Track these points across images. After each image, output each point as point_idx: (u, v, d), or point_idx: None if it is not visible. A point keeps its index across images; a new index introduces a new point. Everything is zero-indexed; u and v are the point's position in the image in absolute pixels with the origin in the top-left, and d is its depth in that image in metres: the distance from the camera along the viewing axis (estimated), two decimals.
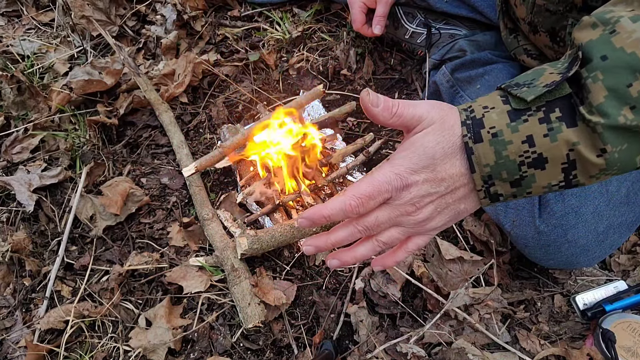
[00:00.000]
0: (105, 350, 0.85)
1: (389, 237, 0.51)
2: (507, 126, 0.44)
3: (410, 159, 0.46)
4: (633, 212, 0.81)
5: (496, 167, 0.45)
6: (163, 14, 1.37)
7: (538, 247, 0.82)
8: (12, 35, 1.34)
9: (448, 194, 0.47)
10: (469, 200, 0.49)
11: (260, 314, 0.83)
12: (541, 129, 0.43)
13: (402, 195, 0.47)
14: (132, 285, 0.93)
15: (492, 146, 0.44)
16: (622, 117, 0.40)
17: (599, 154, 0.42)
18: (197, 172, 0.99)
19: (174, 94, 1.21)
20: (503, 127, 0.44)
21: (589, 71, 0.42)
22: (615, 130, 0.41)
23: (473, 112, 0.46)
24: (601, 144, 0.41)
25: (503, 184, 0.46)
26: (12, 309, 0.91)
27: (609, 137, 0.41)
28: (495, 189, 0.46)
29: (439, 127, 0.47)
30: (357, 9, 1.08)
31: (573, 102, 0.43)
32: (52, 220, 1.03)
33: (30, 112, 1.16)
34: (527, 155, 0.44)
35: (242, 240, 0.87)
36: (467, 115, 0.46)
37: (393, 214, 0.48)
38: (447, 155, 0.46)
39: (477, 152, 0.45)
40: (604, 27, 0.43)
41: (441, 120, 0.47)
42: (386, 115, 0.49)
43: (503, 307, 0.84)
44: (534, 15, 0.82)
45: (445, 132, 0.46)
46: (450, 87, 1.03)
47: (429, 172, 0.46)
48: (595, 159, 0.42)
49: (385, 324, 0.86)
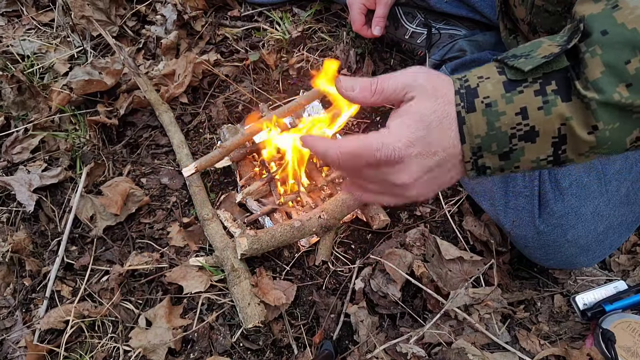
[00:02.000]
0: (105, 350, 0.85)
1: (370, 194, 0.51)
2: (501, 97, 0.43)
3: (408, 127, 0.44)
4: (633, 212, 0.81)
5: (487, 138, 0.44)
6: (163, 14, 1.37)
7: (538, 247, 0.82)
8: (12, 35, 1.34)
9: (437, 167, 0.46)
10: (455, 171, 0.47)
11: (260, 314, 0.83)
12: (536, 102, 0.42)
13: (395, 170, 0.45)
14: (132, 285, 0.93)
15: (484, 116, 0.43)
16: (617, 95, 0.39)
17: (590, 131, 0.41)
18: (197, 172, 0.99)
19: (174, 94, 1.21)
20: (497, 97, 0.43)
21: (587, 45, 0.41)
22: (609, 107, 0.40)
23: (467, 82, 0.45)
24: (593, 121, 0.41)
25: (492, 157, 0.45)
26: (12, 309, 0.91)
27: (602, 114, 0.40)
28: (483, 161, 0.45)
29: (433, 94, 0.45)
30: (357, 10, 1.08)
31: (569, 75, 0.42)
32: (52, 220, 1.03)
33: (30, 112, 1.16)
34: (519, 127, 0.43)
35: (242, 240, 0.87)
36: (461, 84, 0.45)
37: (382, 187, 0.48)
38: (442, 124, 0.44)
39: (469, 122, 0.44)
40: (607, 1, 0.42)
41: (433, 87, 0.45)
42: (367, 95, 0.47)
43: (503, 307, 0.84)
44: (533, 15, 0.82)
45: (440, 99, 0.44)
46: None
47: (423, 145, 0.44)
48: (586, 135, 0.41)
49: (385, 324, 0.86)
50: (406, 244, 0.92)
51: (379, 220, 0.96)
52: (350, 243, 0.99)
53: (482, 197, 0.90)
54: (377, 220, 0.96)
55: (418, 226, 0.96)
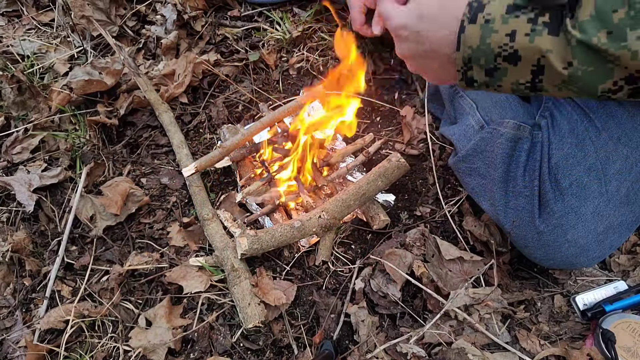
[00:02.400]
0: (105, 350, 0.85)
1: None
2: (500, 16, 0.47)
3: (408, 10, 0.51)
4: (633, 212, 0.81)
5: (477, 51, 0.48)
6: (163, 14, 1.37)
7: (538, 247, 0.82)
8: (12, 35, 1.34)
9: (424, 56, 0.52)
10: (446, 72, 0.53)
11: (260, 314, 0.83)
12: (525, 28, 0.46)
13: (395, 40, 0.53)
14: (132, 285, 0.93)
15: (480, 30, 0.48)
16: (596, 39, 0.41)
17: (565, 67, 0.44)
18: (197, 172, 0.99)
19: (174, 94, 1.21)
20: (497, 16, 0.47)
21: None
22: (587, 48, 0.42)
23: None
24: (570, 57, 0.43)
25: (479, 70, 0.50)
26: (12, 309, 0.91)
27: (578, 53, 0.43)
28: (471, 74, 0.50)
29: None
30: (357, 9, 1.08)
31: (564, 12, 0.44)
32: (52, 220, 1.03)
33: (31, 113, 1.16)
34: (505, 48, 0.47)
35: (242, 240, 0.87)
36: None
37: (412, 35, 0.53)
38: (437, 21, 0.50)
39: (466, 32, 0.48)
40: None
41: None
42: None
43: (503, 307, 0.84)
44: None
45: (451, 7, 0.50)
46: (450, 86, 1.03)
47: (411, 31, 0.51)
48: (560, 69, 0.45)
49: (385, 324, 0.86)
50: (406, 244, 0.92)
51: (379, 220, 0.96)
52: (350, 243, 0.99)
53: (482, 197, 0.90)
54: (377, 220, 0.96)
55: (418, 226, 0.96)
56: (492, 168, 0.85)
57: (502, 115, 0.91)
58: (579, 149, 0.79)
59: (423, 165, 1.08)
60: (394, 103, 1.20)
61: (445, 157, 1.06)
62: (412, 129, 1.11)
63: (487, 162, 0.86)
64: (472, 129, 0.95)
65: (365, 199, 0.97)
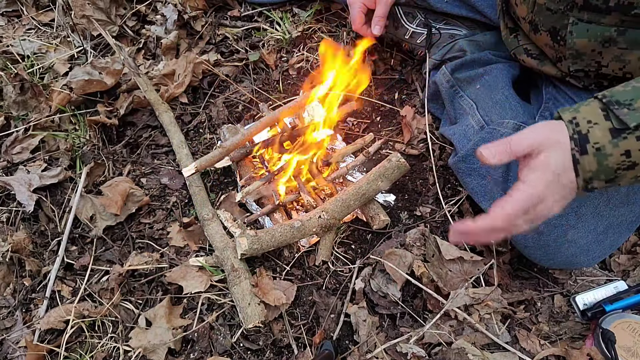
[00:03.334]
0: (105, 350, 0.85)
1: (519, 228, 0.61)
2: (609, 142, 0.56)
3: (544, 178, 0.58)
4: (633, 212, 0.81)
5: (597, 172, 0.57)
6: (163, 14, 1.37)
7: (538, 247, 0.82)
8: (12, 35, 1.34)
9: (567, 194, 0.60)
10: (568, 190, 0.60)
11: (260, 314, 0.83)
12: (637, 145, 0.55)
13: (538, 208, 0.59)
14: (132, 285, 0.93)
15: (595, 157, 0.56)
16: None
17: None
18: (197, 172, 0.99)
19: (174, 94, 1.21)
20: (606, 143, 0.56)
21: None
22: None
23: (579, 126, 0.58)
24: None
25: (599, 182, 0.58)
26: (12, 309, 0.91)
27: None
28: (592, 186, 0.59)
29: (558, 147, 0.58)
30: (357, 10, 1.08)
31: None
32: (52, 220, 1.03)
33: (31, 112, 1.16)
34: (623, 163, 0.56)
35: (242, 240, 0.87)
36: (574, 129, 0.58)
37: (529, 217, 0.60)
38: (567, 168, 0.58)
39: (582, 162, 0.57)
40: None
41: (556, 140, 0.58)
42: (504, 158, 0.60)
43: (503, 307, 0.84)
44: (534, 14, 0.82)
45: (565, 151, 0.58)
46: (450, 87, 1.03)
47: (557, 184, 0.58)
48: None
49: (385, 324, 0.86)
50: (406, 244, 0.92)
51: (379, 220, 0.96)
52: (350, 243, 0.99)
53: (482, 197, 0.90)
54: (377, 220, 0.96)
55: (418, 226, 0.96)
56: (492, 168, 0.85)
57: (502, 116, 0.91)
58: None
59: (423, 165, 1.08)
60: (394, 103, 1.20)
61: (445, 157, 1.06)
62: (412, 129, 1.11)
63: None
64: (472, 129, 0.95)
65: (365, 199, 0.97)
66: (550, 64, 0.88)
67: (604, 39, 0.72)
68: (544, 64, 0.89)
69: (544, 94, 0.94)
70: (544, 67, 0.89)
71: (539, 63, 0.89)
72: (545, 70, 0.89)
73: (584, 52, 0.76)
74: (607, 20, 0.70)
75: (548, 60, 0.88)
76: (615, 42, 0.72)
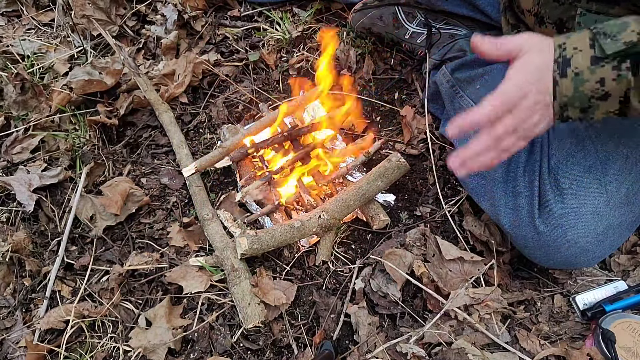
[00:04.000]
0: (105, 350, 0.85)
1: (508, 144, 0.62)
2: (587, 68, 0.57)
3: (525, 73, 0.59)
4: (632, 212, 0.81)
5: (572, 97, 0.58)
6: (163, 14, 1.37)
7: (538, 247, 0.82)
8: (12, 35, 1.34)
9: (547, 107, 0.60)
10: (542, 112, 0.60)
11: (260, 314, 0.83)
12: (612, 74, 0.56)
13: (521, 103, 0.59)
14: (132, 285, 0.93)
15: (572, 82, 0.57)
16: None
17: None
18: (197, 172, 0.99)
19: (174, 94, 1.21)
20: (584, 68, 0.57)
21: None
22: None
23: (565, 51, 0.59)
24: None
25: (574, 110, 0.60)
26: (12, 309, 0.91)
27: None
28: (567, 114, 0.60)
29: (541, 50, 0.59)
30: None
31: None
32: (52, 220, 1.03)
33: (31, 112, 1.16)
34: (596, 91, 0.57)
35: (242, 240, 0.87)
36: (560, 53, 0.59)
37: (515, 120, 0.59)
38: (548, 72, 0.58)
39: (560, 85, 0.58)
40: None
41: (541, 49, 0.59)
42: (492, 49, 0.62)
43: (503, 307, 0.84)
44: (540, 6, 0.81)
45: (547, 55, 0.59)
46: (451, 87, 1.03)
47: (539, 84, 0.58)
48: (637, 104, 0.57)
49: (385, 324, 0.86)
50: (406, 244, 0.92)
51: (379, 220, 0.96)
52: (350, 243, 0.99)
53: (482, 197, 0.90)
54: (377, 220, 0.96)
55: (418, 226, 0.96)
56: (491, 168, 0.85)
57: None
58: (579, 149, 0.79)
59: (423, 165, 1.08)
60: (394, 103, 1.20)
61: (445, 157, 1.06)
62: (412, 129, 1.11)
63: None
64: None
65: (365, 199, 0.97)
66: None
67: None
68: None
69: None
70: None
71: None
72: None
73: None
74: (616, 11, 0.70)
75: None
76: None
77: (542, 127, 0.61)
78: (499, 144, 0.61)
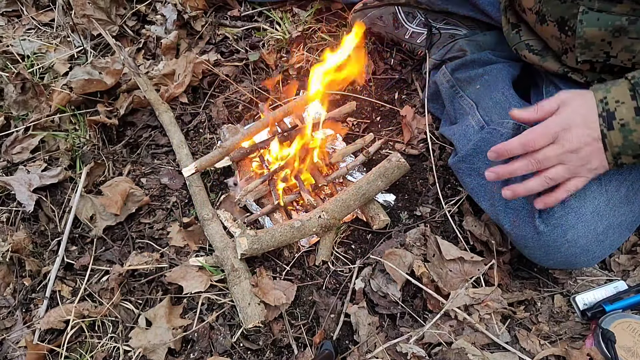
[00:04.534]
0: (105, 350, 0.85)
1: (555, 174, 0.67)
2: (632, 119, 0.63)
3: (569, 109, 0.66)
4: (632, 212, 0.80)
5: (624, 147, 0.64)
6: (163, 14, 1.37)
7: (538, 247, 0.82)
8: (12, 35, 1.34)
9: (596, 141, 0.65)
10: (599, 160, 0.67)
11: (260, 314, 0.83)
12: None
13: (565, 136, 0.65)
14: (132, 285, 0.93)
15: (620, 132, 0.64)
16: None
17: None
18: (197, 172, 0.99)
19: (174, 94, 1.21)
20: (630, 119, 0.63)
21: None
22: None
23: (607, 105, 0.65)
24: None
25: (627, 157, 0.66)
26: (12, 309, 0.91)
27: None
28: (621, 161, 0.66)
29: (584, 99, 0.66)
30: None
31: None
32: (52, 220, 1.03)
33: (31, 112, 1.16)
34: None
35: (242, 240, 0.87)
36: (603, 107, 0.65)
37: (559, 150, 0.65)
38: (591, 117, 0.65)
39: (609, 137, 0.64)
40: None
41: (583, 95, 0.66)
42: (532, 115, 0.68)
43: (503, 307, 0.84)
44: (542, 4, 0.81)
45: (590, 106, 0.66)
46: (451, 87, 1.03)
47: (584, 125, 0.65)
48: None
49: (385, 324, 0.86)
50: (406, 244, 0.92)
51: (379, 220, 0.96)
52: (350, 243, 0.99)
53: (482, 197, 0.90)
54: (377, 220, 0.96)
55: (418, 226, 0.96)
56: None
57: (502, 116, 0.91)
58: None
59: (423, 165, 1.08)
60: (394, 103, 1.20)
61: (445, 157, 1.06)
62: (412, 129, 1.11)
63: (487, 162, 0.86)
64: (472, 129, 0.95)
65: (365, 199, 0.97)
66: (552, 60, 0.87)
67: (615, 28, 0.71)
68: (545, 59, 0.88)
69: (544, 93, 0.94)
70: (545, 63, 0.88)
71: (541, 59, 0.89)
72: (546, 67, 0.88)
73: (594, 41, 0.75)
74: (618, 9, 0.70)
75: (550, 56, 0.87)
76: (626, 31, 0.71)
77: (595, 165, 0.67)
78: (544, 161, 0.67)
